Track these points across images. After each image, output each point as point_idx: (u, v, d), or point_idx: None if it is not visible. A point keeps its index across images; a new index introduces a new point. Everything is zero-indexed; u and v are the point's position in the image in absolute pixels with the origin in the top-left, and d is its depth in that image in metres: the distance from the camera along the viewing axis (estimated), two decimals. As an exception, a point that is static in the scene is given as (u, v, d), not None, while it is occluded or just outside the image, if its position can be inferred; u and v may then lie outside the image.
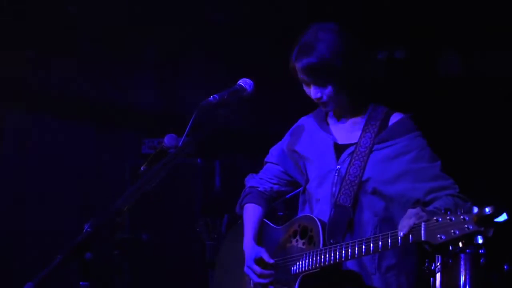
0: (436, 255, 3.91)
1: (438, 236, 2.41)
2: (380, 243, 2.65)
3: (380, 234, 2.68)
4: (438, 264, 5.09)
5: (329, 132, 3.11)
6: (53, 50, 5.75)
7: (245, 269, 3.14)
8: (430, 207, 2.78)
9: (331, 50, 2.90)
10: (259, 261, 3.09)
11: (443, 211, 2.47)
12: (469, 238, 2.37)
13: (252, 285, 3.19)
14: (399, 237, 2.56)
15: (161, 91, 6.37)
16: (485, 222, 2.34)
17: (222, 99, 2.87)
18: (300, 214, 3.14)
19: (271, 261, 3.06)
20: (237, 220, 3.47)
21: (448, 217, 2.41)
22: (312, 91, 2.99)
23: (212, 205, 5.67)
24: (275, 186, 3.32)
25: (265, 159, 3.38)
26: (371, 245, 2.67)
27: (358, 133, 3.03)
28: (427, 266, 5.16)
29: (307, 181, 3.14)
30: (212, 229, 5.13)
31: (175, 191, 5.68)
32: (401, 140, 2.94)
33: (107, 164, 5.97)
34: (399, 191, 2.88)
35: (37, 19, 5.55)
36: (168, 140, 3.39)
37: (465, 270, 5.07)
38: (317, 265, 2.84)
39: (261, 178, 3.35)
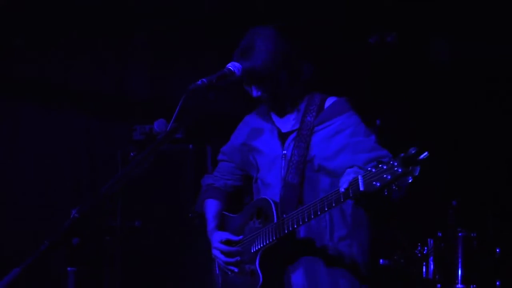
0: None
1: (374, 183, 2.61)
2: (325, 203, 2.84)
3: (324, 196, 2.87)
4: (430, 248, 5.12)
5: (273, 123, 3.35)
6: (42, 38, 5.71)
7: (213, 251, 3.32)
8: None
9: (267, 56, 3.12)
10: (225, 243, 3.27)
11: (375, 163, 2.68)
12: (400, 180, 2.57)
13: (218, 271, 3.36)
14: (341, 193, 2.76)
15: (152, 77, 6.33)
16: (411, 162, 2.54)
17: (211, 83, 2.86)
18: (257, 196, 3.35)
19: (238, 238, 3.24)
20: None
21: (380, 166, 2.62)
22: (254, 90, 3.21)
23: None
24: (229, 182, 3.54)
25: (218, 158, 3.62)
26: (318, 206, 2.86)
27: (299, 120, 3.27)
28: (420, 250, 5.19)
29: (258, 170, 3.35)
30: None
31: (167, 177, 5.67)
32: (338, 119, 3.19)
33: (99, 151, 5.94)
34: (340, 164, 3.08)
35: (26, 7, 5.52)
36: (158, 125, 3.40)
37: (457, 253, 5.09)
38: (274, 238, 3.03)
39: (215, 176, 3.58)
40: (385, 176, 2.58)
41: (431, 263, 5.03)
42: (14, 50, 5.60)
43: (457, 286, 4.87)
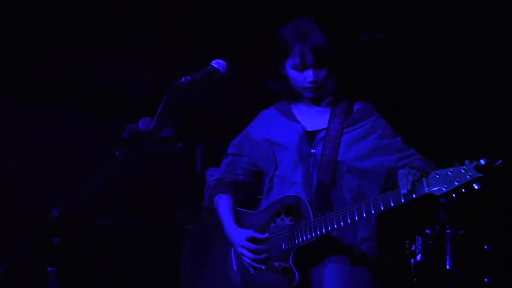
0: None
1: (440, 187, 2.74)
2: (380, 202, 2.90)
3: (371, 199, 2.93)
4: (418, 245, 5.13)
5: (297, 121, 3.34)
6: (40, 36, 5.69)
7: (239, 249, 3.24)
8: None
9: (329, 36, 3.19)
10: (251, 240, 3.22)
11: (431, 166, 2.92)
12: (469, 186, 2.70)
13: (236, 268, 3.28)
14: (402, 195, 2.83)
15: (153, 75, 6.33)
16: (484, 170, 2.68)
17: (195, 80, 2.86)
18: (279, 196, 3.25)
19: (265, 235, 3.20)
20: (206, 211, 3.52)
21: (445, 170, 2.75)
22: (310, 74, 3.20)
23: (193, 189, 5.66)
24: (240, 177, 3.47)
25: (228, 152, 3.55)
26: (372, 205, 2.92)
27: (326, 121, 3.29)
28: (408, 247, 5.20)
29: (276, 167, 3.32)
30: (193, 214, 5.11)
31: (156, 176, 5.66)
32: (366, 122, 3.27)
33: (87, 150, 5.93)
34: (372, 164, 3.16)
35: (24, 5, 5.50)
36: (143, 124, 3.38)
37: (446, 250, 5.10)
38: (314, 235, 3.04)
39: (225, 170, 3.50)
40: (454, 180, 2.72)
41: (419, 260, 5.04)
42: (12, 49, 5.57)
43: (445, 283, 4.88)
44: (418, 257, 5.04)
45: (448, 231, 4.99)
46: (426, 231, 5.04)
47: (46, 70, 5.76)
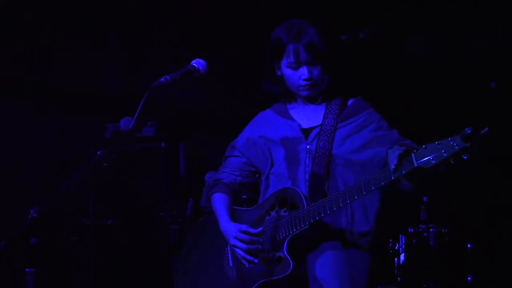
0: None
1: (428, 159, 2.74)
2: (371, 182, 2.91)
3: (362, 180, 2.95)
4: (402, 244, 5.14)
5: (293, 119, 3.39)
6: (15, 35, 5.66)
7: (232, 241, 3.26)
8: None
9: (321, 34, 3.26)
10: (244, 232, 3.25)
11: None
12: (457, 156, 2.69)
13: (232, 263, 3.31)
14: (391, 170, 2.85)
15: (125, 75, 6.31)
16: (470, 138, 2.66)
17: (174, 80, 2.84)
18: (274, 190, 3.31)
19: (258, 230, 3.24)
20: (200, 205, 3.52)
21: (434, 143, 2.75)
22: (304, 72, 3.26)
23: (176, 189, 5.65)
24: (238, 178, 3.48)
25: (226, 154, 3.55)
26: (363, 187, 2.94)
27: (320, 117, 3.33)
28: (391, 246, 5.21)
29: (272, 165, 3.36)
30: (176, 213, 5.10)
31: (140, 175, 5.64)
32: (360, 116, 3.31)
33: (71, 149, 5.90)
34: (368, 156, 3.20)
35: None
36: (124, 123, 3.37)
37: (429, 249, 5.12)
38: (307, 223, 3.07)
39: (224, 172, 3.51)
40: (442, 152, 2.71)
41: (403, 259, 5.05)
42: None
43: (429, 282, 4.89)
44: (402, 256, 5.05)
45: (431, 229, 5.00)
46: (410, 230, 5.05)
47: (18, 70, 5.74)
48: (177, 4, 5.95)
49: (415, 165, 2.79)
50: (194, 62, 2.97)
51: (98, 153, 3.51)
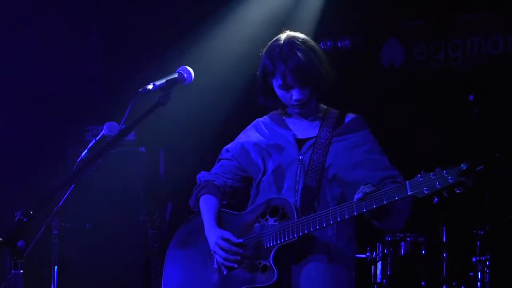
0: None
1: (421, 189, 2.83)
2: (363, 204, 2.96)
3: (357, 199, 2.98)
4: (379, 252, 5.19)
5: (288, 128, 3.39)
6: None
7: (212, 246, 3.27)
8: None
9: (310, 56, 3.21)
10: (226, 240, 3.25)
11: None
12: (450, 190, 2.79)
13: (216, 266, 3.31)
14: (384, 192, 2.92)
15: (105, 77, 6.31)
16: (465, 174, 2.76)
17: (161, 87, 2.85)
18: (267, 197, 3.32)
19: (239, 240, 3.24)
20: (188, 212, 3.52)
21: (428, 174, 2.84)
22: (296, 93, 3.25)
23: (155, 193, 5.66)
24: (229, 181, 3.49)
25: (219, 157, 3.54)
26: (354, 207, 2.99)
27: (316, 129, 3.36)
28: (369, 255, 5.25)
29: (264, 172, 3.38)
30: (156, 218, 5.11)
31: (119, 180, 5.64)
32: (356, 134, 3.32)
33: (51, 151, 5.89)
34: (356, 177, 3.21)
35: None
36: (108, 127, 3.36)
37: (406, 258, 5.17)
38: (295, 235, 3.10)
39: (216, 174, 3.50)
40: (436, 183, 2.80)
41: (380, 267, 5.10)
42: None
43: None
44: (379, 264, 5.10)
45: (408, 238, 5.05)
46: (387, 238, 5.10)
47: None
48: (160, 10, 5.97)
49: (409, 194, 2.86)
50: (181, 70, 2.96)
51: (82, 156, 3.52)
